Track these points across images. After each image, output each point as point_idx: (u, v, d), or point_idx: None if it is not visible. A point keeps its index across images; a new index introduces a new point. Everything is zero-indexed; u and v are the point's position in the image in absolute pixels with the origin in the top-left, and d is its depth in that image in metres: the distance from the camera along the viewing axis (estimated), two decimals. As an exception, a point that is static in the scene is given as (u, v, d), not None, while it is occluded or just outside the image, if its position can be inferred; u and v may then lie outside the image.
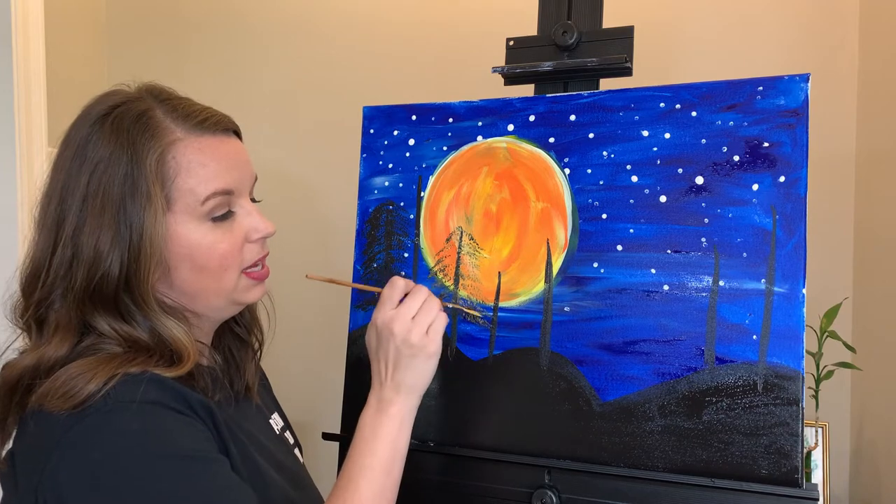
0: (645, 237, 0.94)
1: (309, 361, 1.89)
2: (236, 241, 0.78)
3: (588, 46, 1.06)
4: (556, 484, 0.94)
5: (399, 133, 1.09)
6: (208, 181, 0.75)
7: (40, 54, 1.63)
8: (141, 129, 0.73)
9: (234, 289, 0.79)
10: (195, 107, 0.77)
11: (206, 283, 0.77)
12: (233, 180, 0.77)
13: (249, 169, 0.81)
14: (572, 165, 0.99)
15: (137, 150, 0.72)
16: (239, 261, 0.78)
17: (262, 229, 0.79)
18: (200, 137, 0.75)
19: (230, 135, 0.80)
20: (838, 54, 1.58)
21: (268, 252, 0.83)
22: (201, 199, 0.74)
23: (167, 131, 0.74)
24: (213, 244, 0.76)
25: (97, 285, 0.71)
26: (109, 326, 0.73)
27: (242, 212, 0.79)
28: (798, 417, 0.85)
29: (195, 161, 0.74)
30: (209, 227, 0.75)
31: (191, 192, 0.74)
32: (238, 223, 0.78)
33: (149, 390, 0.69)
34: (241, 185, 0.78)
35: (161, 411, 0.69)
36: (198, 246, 0.75)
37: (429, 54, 1.81)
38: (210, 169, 0.75)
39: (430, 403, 1.02)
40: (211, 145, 0.76)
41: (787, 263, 0.87)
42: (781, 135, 0.89)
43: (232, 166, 0.77)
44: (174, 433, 0.69)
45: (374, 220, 1.09)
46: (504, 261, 1.01)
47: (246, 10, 1.96)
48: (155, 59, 2.02)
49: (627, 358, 0.93)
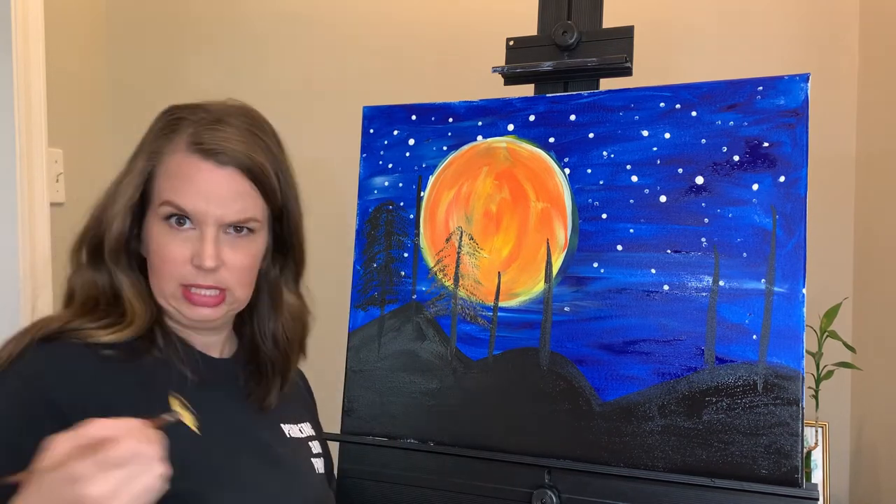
0: (645, 237, 0.94)
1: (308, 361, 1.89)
2: (180, 254, 0.83)
3: (588, 46, 1.06)
4: (556, 484, 0.94)
5: (399, 133, 1.09)
6: (170, 191, 0.82)
7: (40, 54, 1.63)
8: (168, 131, 0.84)
9: (173, 297, 0.85)
10: (217, 136, 0.83)
11: (154, 278, 0.85)
12: (192, 204, 0.82)
13: (224, 205, 0.83)
14: (572, 165, 0.99)
15: (155, 144, 0.85)
16: (175, 271, 0.83)
17: (201, 256, 0.82)
18: (189, 156, 0.82)
19: (227, 169, 0.83)
20: (838, 54, 1.58)
21: (215, 286, 0.84)
22: (160, 201, 0.83)
23: (176, 141, 0.83)
24: (161, 246, 0.83)
25: (86, 232, 0.86)
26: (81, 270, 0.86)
27: (199, 236, 0.83)
28: (798, 417, 0.85)
29: (172, 171, 0.83)
30: (164, 229, 0.83)
31: (158, 193, 0.84)
32: (192, 243, 0.83)
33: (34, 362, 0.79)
34: (201, 214, 0.82)
35: (16, 393, 0.77)
36: (154, 242, 0.84)
37: (429, 54, 1.81)
38: (177, 182, 0.82)
39: (430, 403, 1.02)
40: (191, 166, 0.82)
41: (787, 263, 0.87)
42: (781, 135, 0.89)
43: (199, 193, 0.82)
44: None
45: (374, 220, 1.09)
46: (504, 261, 1.01)
47: (246, 10, 1.96)
48: (155, 58, 2.02)
49: (627, 358, 0.93)
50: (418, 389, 1.02)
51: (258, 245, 0.88)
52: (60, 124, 1.70)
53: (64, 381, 0.78)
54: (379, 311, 1.07)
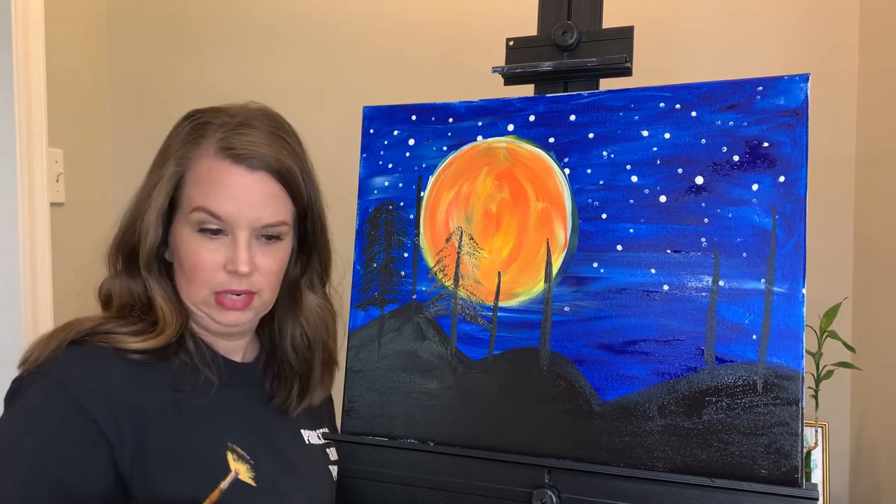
0: (645, 237, 0.94)
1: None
2: (214, 261, 0.83)
3: (588, 46, 1.06)
4: (556, 484, 0.94)
5: (399, 133, 1.09)
6: (202, 197, 0.82)
7: (40, 54, 1.63)
8: (196, 136, 0.84)
9: (205, 303, 0.85)
10: (244, 139, 0.83)
11: (184, 285, 0.85)
12: (226, 209, 0.81)
13: (256, 209, 0.84)
14: (572, 165, 0.99)
15: (182, 150, 0.84)
16: (212, 281, 0.83)
17: (235, 261, 0.82)
18: (219, 161, 0.82)
19: (257, 173, 0.83)
20: (838, 54, 1.58)
21: (247, 291, 0.85)
22: (191, 207, 0.83)
23: (205, 146, 0.84)
24: (193, 253, 0.83)
25: (120, 239, 0.87)
26: (119, 276, 0.86)
27: (233, 241, 0.83)
28: (798, 417, 0.85)
29: (202, 177, 0.82)
30: (197, 238, 0.83)
31: (188, 200, 0.83)
32: (225, 249, 0.83)
33: (67, 367, 0.78)
34: (234, 219, 0.82)
35: (51, 399, 0.76)
36: (185, 250, 0.83)
37: (429, 54, 1.81)
38: (209, 188, 0.82)
39: (430, 403, 1.02)
40: (223, 171, 0.82)
41: (787, 263, 0.87)
42: (781, 135, 0.89)
43: (231, 198, 0.82)
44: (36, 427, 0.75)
45: (374, 219, 1.09)
46: (504, 261, 1.01)
47: (246, 10, 1.96)
48: (155, 58, 2.02)
49: (627, 358, 0.93)
50: (418, 389, 1.02)
51: (286, 249, 0.89)
52: (60, 124, 1.70)
53: (93, 385, 0.78)
54: (379, 311, 1.07)
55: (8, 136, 1.56)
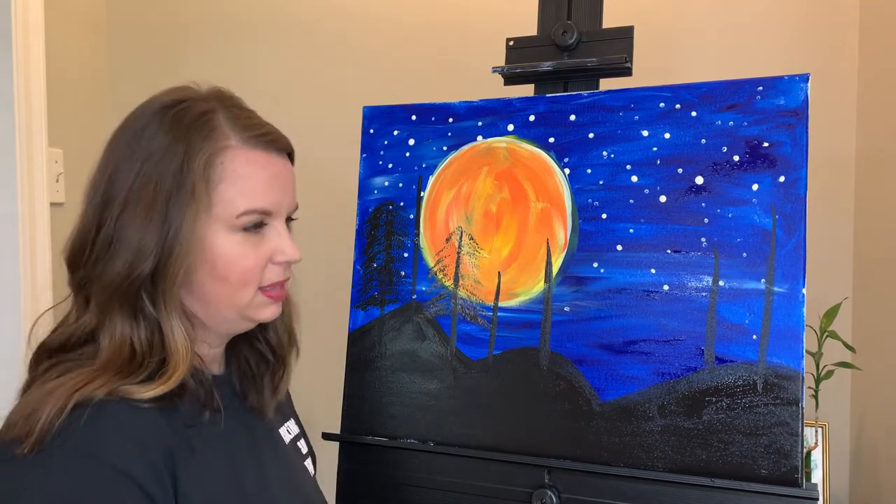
0: (645, 237, 0.94)
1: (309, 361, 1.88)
2: (261, 258, 0.76)
3: (588, 46, 1.06)
4: (556, 484, 0.94)
5: (399, 133, 1.09)
6: (248, 195, 0.74)
7: (40, 54, 1.63)
8: (199, 127, 0.73)
9: (249, 305, 0.78)
10: (256, 120, 0.77)
11: (222, 294, 0.76)
12: (272, 201, 0.76)
13: (292, 193, 0.80)
14: (572, 165, 0.99)
15: (192, 146, 0.72)
16: (259, 279, 0.77)
17: (289, 254, 0.78)
18: (252, 150, 0.75)
19: (283, 156, 0.79)
20: (838, 54, 1.58)
21: (290, 277, 0.82)
22: (238, 211, 0.73)
23: (223, 136, 0.74)
24: (238, 257, 0.75)
25: (129, 274, 0.71)
26: (112, 321, 0.71)
27: (273, 232, 0.78)
28: (798, 417, 0.85)
29: (241, 171, 0.74)
30: (238, 239, 0.74)
31: (230, 201, 0.73)
32: (267, 241, 0.77)
33: (89, 434, 0.65)
34: (279, 208, 0.77)
35: (90, 475, 0.65)
36: (223, 255, 0.74)
37: (429, 54, 1.81)
38: (253, 183, 0.74)
39: (430, 403, 1.02)
40: (260, 160, 0.75)
41: (787, 263, 0.87)
42: (781, 135, 0.89)
43: (275, 187, 0.77)
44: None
45: (374, 219, 1.09)
46: (504, 261, 1.01)
47: (246, 10, 1.96)
48: (155, 58, 2.02)
49: (627, 358, 0.93)
50: (418, 389, 1.02)
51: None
52: (60, 124, 1.70)
53: (126, 445, 0.69)
54: (379, 311, 1.07)
55: (8, 136, 1.56)
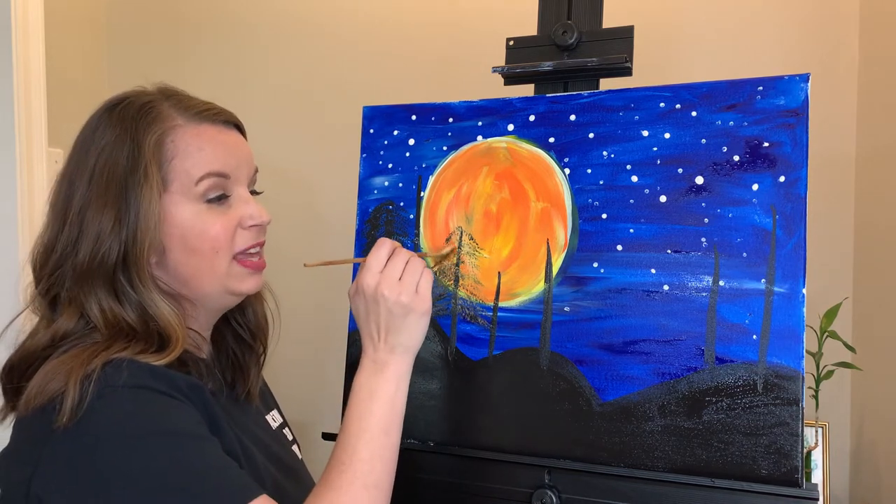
0: (645, 237, 0.94)
1: (309, 361, 1.89)
2: (229, 225, 0.79)
3: (588, 46, 1.06)
4: (556, 484, 0.94)
5: (399, 133, 1.09)
6: (203, 163, 0.77)
7: (40, 54, 1.63)
8: (144, 114, 0.77)
9: (227, 275, 0.80)
10: (198, 101, 0.81)
11: (198, 266, 0.78)
12: (228, 165, 0.79)
13: (247, 159, 0.83)
14: (572, 165, 0.99)
15: (139, 132, 0.76)
16: (230, 246, 0.79)
17: (257, 216, 0.81)
18: (199, 125, 0.79)
19: (231, 127, 0.83)
20: (838, 54, 1.58)
21: (263, 241, 0.84)
22: (195, 179, 0.77)
23: (169, 118, 0.78)
24: (205, 226, 0.77)
25: (98, 262, 0.74)
26: (100, 306, 0.74)
27: (238, 199, 0.81)
28: (798, 417, 0.85)
29: (192, 144, 0.77)
30: (203, 209, 0.78)
31: (186, 173, 0.77)
32: (233, 209, 0.80)
33: (134, 375, 0.70)
34: (236, 172, 0.80)
35: (149, 394, 0.70)
36: (191, 227, 0.77)
37: (429, 54, 1.81)
38: (206, 153, 0.78)
39: (430, 403, 1.02)
40: (209, 132, 0.79)
41: (787, 263, 0.87)
42: (781, 135, 0.89)
43: (228, 153, 0.80)
44: (164, 413, 0.70)
45: (374, 220, 1.09)
46: (504, 261, 1.01)
47: (246, 10, 1.96)
48: (155, 59, 2.02)
49: (627, 358, 0.93)
50: (418, 389, 1.02)
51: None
52: (60, 124, 1.70)
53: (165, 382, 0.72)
54: (379, 311, 1.07)
55: (8, 136, 1.56)
